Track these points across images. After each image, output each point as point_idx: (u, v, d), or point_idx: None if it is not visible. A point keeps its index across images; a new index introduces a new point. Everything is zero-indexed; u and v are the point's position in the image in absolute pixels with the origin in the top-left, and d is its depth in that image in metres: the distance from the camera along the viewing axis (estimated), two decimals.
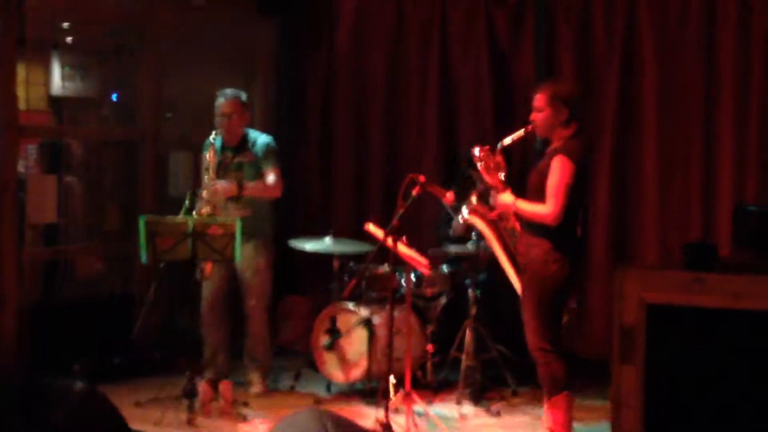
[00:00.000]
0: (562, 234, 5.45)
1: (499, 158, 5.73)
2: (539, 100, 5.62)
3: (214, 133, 6.82)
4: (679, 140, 7.43)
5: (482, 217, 5.82)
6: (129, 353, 7.57)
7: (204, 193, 6.73)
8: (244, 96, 7.04)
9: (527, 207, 5.52)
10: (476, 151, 5.76)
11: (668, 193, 7.49)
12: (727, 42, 7.24)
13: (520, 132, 5.66)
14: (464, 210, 5.89)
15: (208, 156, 6.80)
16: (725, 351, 4.63)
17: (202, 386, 6.51)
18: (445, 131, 8.33)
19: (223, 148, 6.99)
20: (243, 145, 7.01)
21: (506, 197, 5.62)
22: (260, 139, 7.04)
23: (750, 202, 6.91)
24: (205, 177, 6.78)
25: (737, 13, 7.20)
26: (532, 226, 5.55)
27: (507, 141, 5.70)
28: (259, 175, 6.95)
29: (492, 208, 5.77)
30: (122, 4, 7.82)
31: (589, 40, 7.77)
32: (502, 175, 5.71)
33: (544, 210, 5.42)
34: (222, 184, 6.80)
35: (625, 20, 7.58)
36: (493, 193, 5.75)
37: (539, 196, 5.48)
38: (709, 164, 7.36)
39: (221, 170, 6.92)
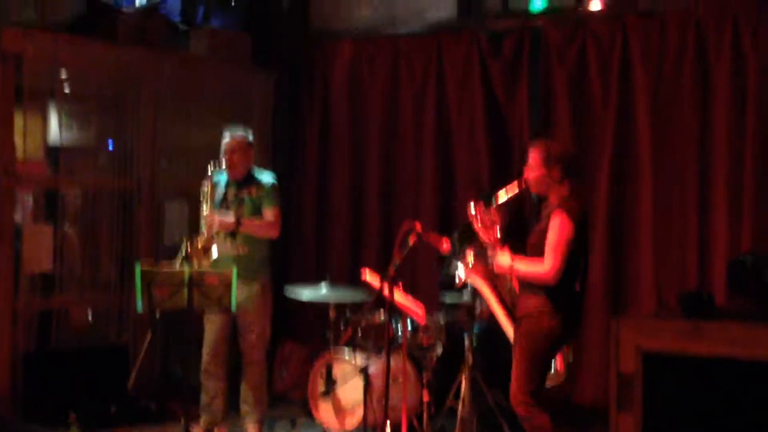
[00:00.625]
0: (558, 290, 5.41)
1: (494, 214, 5.70)
2: (533, 158, 5.62)
3: (213, 165, 6.86)
4: (674, 190, 7.45)
5: (480, 275, 5.80)
6: (124, 402, 7.53)
7: (201, 225, 6.77)
8: (249, 135, 7.07)
9: (524, 268, 5.48)
10: (471, 208, 5.74)
11: (664, 243, 7.49)
12: (721, 92, 7.28)
13: (515, 188, 5.65)
14: (461, 269, 5.88)
15: (206, 187, 6.84)
16: (722, 398, 4.63)
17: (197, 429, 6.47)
18: (441, 179, 8.36)
19: (228, 183, 7.03)
20: (247, 181, 7.03)
21: (503, 259, 5.56)
22: (264, 177, 7.07)
23: (745, 250, 6.91)
24: (203, 207, 6.81)
25: (731, 60, 7.24)
26: (537, 286, 5.53)
27: (502, 198, 5.68)
28: (259, 213, 6.97)
29: (489, 265, 5.73)
30: (120, 54, 7.86)
31: (584, 90, 7.82)
32: (497, 231, 5.67)
33: (541, 269, 5.38)
34: (219, 216, 6.83)
35: (620, 69, 7.63)
36: (490, 251, 5.72)
37: (539, 255, 5.46)
38: (705, 213, 7.37)
39: (224, 205, 6.94)
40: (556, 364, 5.67)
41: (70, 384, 7.32)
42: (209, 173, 6.85)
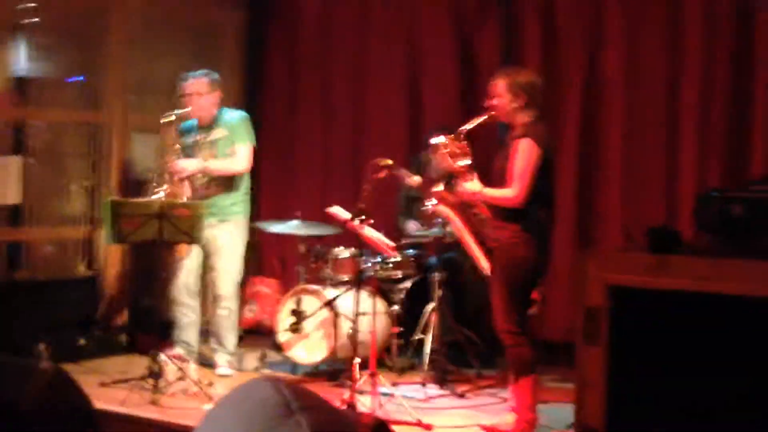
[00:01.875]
0: (530, 216, 5.49)
1: (463, 145, 5.74)
2: (497, 86, 5.67)
3: (173, 113, 6.81)
4: (643, 126, 7.48)
5: (449, 204, 5.83)
6: (93, 333, 7.55)
7: (159, 176, 6.76)
8: (214, 75, 7.03)
9: (493, 192, 5.56)
10: (438, 139, 5.76)
11: (632, 179, 7.53)
12: (692, 30, 7.29)
13: (482, 117, 5.70)
14: (431, 201, 5.91)
15: (169, 135, 6.81)
16: (688, 333, 4.69)
17: (167, 365, 6.50)
18: (410, 116, 8.36)
19: (196, 128, 7.00)
20: (215, 123, 7.00)
21: (473, 185, 5.62)
22: (233, 114, 7.06)
23: (712, 187, 6.97)
24: (166, 156, 6.80)
25: (702, 2, 7.24)
26: (499, 210, 5.59)
27: (468, 126, 5.72)
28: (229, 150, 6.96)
29: (458, 195, 5.77)
30: None
31: (555, 24, 7.80)
32: (467, 162, 5.71)
33: (509, 193, 5.45)
34: (183, 162, 6.81)
35: (591, 2, 7.63)
36: (458, 180, 5.75)
37: (504, 182, 5.52)
38: (673, 150, 7.41)
39: (195, 150, 6.92)
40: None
41: (39, 315, 7.32)
42: (170, 120, 6.81)
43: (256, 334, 8.14)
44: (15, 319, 7.19)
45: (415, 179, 6.12)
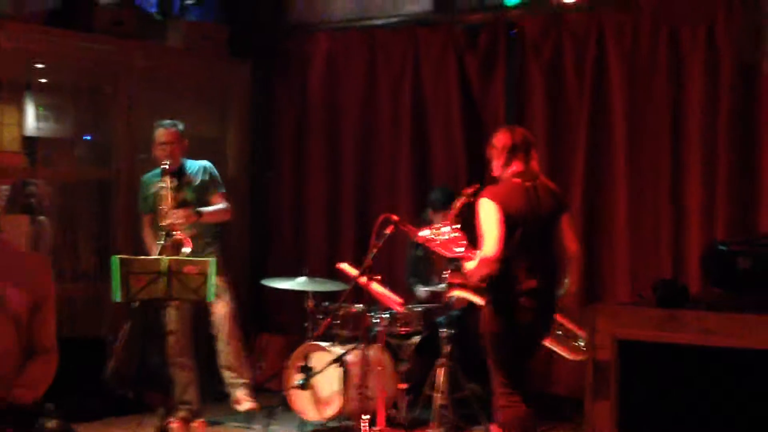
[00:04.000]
0: (497, 280, 5.36)
1: (450, 231, 5.55)
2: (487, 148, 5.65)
3: (163, 164, 6.98)
4: (648, 180, 7.51)
5: (463, 287, 5.79)
6: (102, 393, 7.53)
7: (163, 223, 6.82)
8: (181, 126, 7.19)
9: (472, 264, 5.31)
10: (423, 233, 5.46)
11: (638, 233, 7.54)
12: (695, 85, 7.33)
13: (461, 199, 5.70)
14: (447, 287, 5.88)
15: (163, 186, 6.90)
16: (696, 386, 4.68)
17: (175, 425, 6.49)
18: (417, 172, 8.40)
19: (163, 175, 7.09)
20: (182, 170, 7.16)
21: (472, 264, 5.49)
22: (199, 163, 7.25)
23: (719, 240, 6.97)
24: (163, 206, 6.87)
25: (705, 48, 7.28)
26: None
27: (452, 212, 5.72)
28: (201, 197, 7.12)
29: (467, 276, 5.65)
30: (97, 46, 7.85)
31: (560, 83, 7.86)
32: (460, 248, 5.52)
33: (480, 255, 5.24)
34: (181, 212, 6.89)
35: (595, 62, 7.68)
36: (461, 263, 5.62)
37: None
38: (679, 204, 7.42)
39: (162, 198, 7.00)
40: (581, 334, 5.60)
41: None
42: (163, 169, 6.96)
43: (264, 391, 8.10)
44: None
45: (422, 234, 6.10)
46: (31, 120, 7.73)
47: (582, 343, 5.58)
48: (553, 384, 7.54)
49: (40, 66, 7.65)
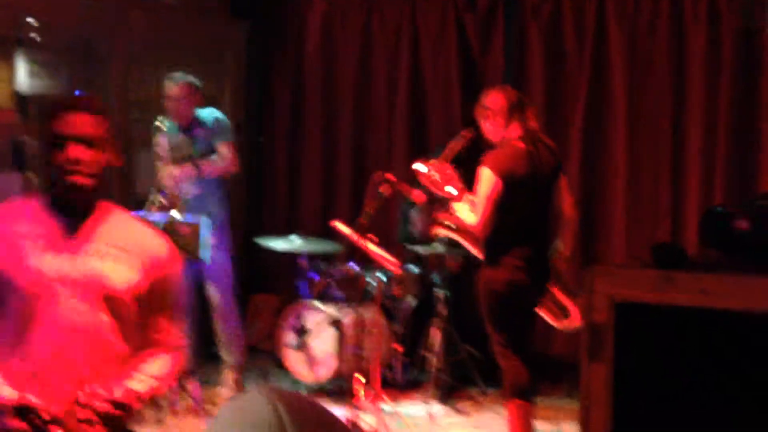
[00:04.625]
0: (497, 242, 5.40)
1: (445, 169, 5.60)
2: (476, 109, 5.58)
3: (160, 119, 6.83)
4: (648, 142, 7.47)
5: (449, 228, 5.77)
6: None
7: (162, 183, 6.74)
8: (191, 78, 7.03)
9: (464, 217, 5.44)
10: (421, 167, 5.67)
11: (636, 196, 7.51)
12: (697, 42, 7.27)
13: (458, 141, 5.63)
14: (434, 229, 5.86)
15: (160, 143, 6.81)
16: (694, 349, 4.64)
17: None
18: (414, 132, 8.33)
19: (176, 130, 7.00)
20: (193, 124, 7.00)
21: (461, 207, 5.50)
22: (210, 114, 7.05)
23: (717, 204, 6.94)
24: (160, 163, 6.78)
25: (707, 13, 7.22)
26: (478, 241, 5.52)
27: (443, 152, 5.65)
28: (210, 151, 6.94)
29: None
30: (93, 2, 7.76)
31: (559, 45, 7.80)
32: (452, 188, 5.56)
33: (472, 221, 5.34)
34: (178, 169, 6.80)
35: (595, 21, 7.61)
36: (450, 204, 5.64)
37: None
38: (678, 168, 7.39)
39: (176, 152, 6.89)
40: (568, 306, 5.62)
41: None
42: (159, 127, 6.84)
43: (258, 352, 8.09)
44: None
45: (417, 194, 6.06)
46: (23, 77, 7.65)
47: (568, 312, 5.59)
48: (549, 347, 7.51)
49: (32, 22, 7.54)
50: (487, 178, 5.25)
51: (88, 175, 3.16)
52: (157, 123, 6.84)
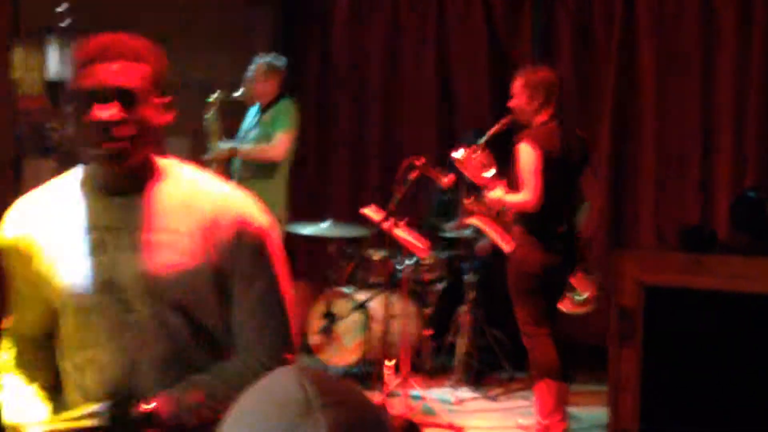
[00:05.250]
0: (534, 221, 5.45)
1: (484, 155, 5.68)
2: (516, 86, 5.62)
3: (218, 93, 6.87)
4: (678, 126, 7.41)
5: (480, 216, 5.79)
6: None
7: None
8: (271, 59, 7.08)
9: (511, 198, 5.51)
10: (458, 153, 5.72)
11: (666, 180, 7.47)
12: (727, 21, 7.21)
13: (498, 125, 5.67)
14: (464, 216, 5.90)
15: (209, 119, 6.86)
16: (723, 332, 4.62)
17: None
18: (443, 115, 8.31)
19: (256, 112, 7.02)
20: (269, 107, 7.02)
21: (495, 193, 5.58)
22: (284, 100, 7.05)
23: (748, 187, 6.89)
24: (211, 141, 6.84)
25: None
26: (517, 216, 5.56)
27: (486, 138, 5.70)
28: (266, 135, 6.92)
29: (488, 205, 5.72)
30: None
31: (587, 26, 7.75)
32: (490, 172, 5.66)
33: (521, 198, 5.40)
34: (216, 144, 6.85)
35: (623, 5, 7.56)
36: (485, 190, 5.71)
37: (516, 184, 5.48)
38: (708, 151, 7.34)
39: (247, 133, 6.95)
40: (584, 290, 5.67)
41: None
42: (213, 103, 6.87)
43: None
44: None
45: (447, 179, 6.06)
46: (54, 64, 7.68)
47: (580, 298, 5.63)
48: (577, 331, 7.49)
49: (62, 9, 7.57)
50: (528, 153, 5.35)
51: (123, 139, 2.35)
52: (211, 99, 6.85)
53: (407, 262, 6.76)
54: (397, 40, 8.52)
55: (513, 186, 5.53)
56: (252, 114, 7.05)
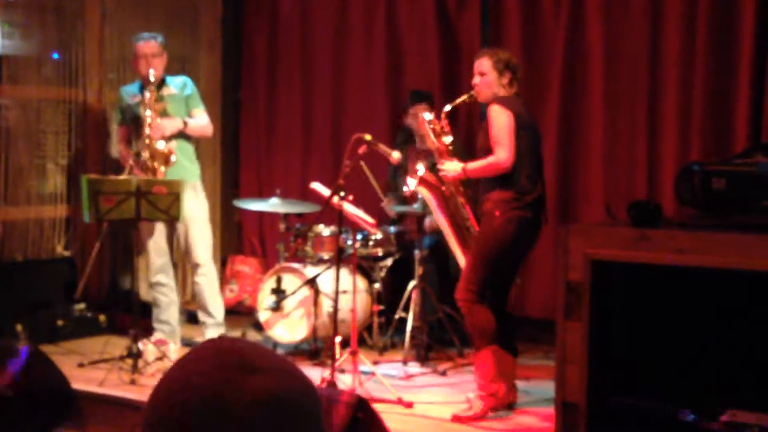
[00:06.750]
0: (518, 185, 5.48)
1: (444, 124, 5.77)
2: (482, 64, 5.66)
3: (152, 72, 6.83)
4: (624, 102, 7.44)
5: (430, 187, 5.80)
6: (72, 314, 7.49)
7: (145, 134, 6.70)
8: (160, 38, 7.11)
9: (479, 163, 5.55)
10: (427, 115, 5.79)
11: (613, 156, 7.50)
12: (674, 6, 7.24)
13: (464, 97, 5.73)
14: (411, 180, 5.88)
15: (146, 97, 6.79)
16: (669, 306, 4.66)
17: (147, 345, 6.45)
18: (391, 93, 8.30)
19: (142, 88, 6.98)
20: (162, 83, 7.02)
21: (453, 164, 5.62)
22: (179, 78, 7.14)
23: (694, 161, 6.94)
24: (145, 115, 6.75)
25: None
26: (488, 181, 5.57)
27: (451, 106, 5.76)
28: (181, 111, 6.99)
29: (441, 177, 5.76)
30: None
31: (535, 4, 7.75)
32: (448, 141, 5.75)
33: (494, 159, 5.44)
34: (166, 121, 6.80)
35: None
36: (440, 158, 5.76)
37: (487, 154, 5.51)
38: (654, 128, 7.37)
39: (142, 110, 6.88)
40: None
41: (17, 296, 7.24)
42: (144, 83, 6.85)
43: (236, 314, 8.09)
44: None
45: (395, 155, 6.07)
46: None
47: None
48: (524, 306, 7.53)
49: None
50: (500, 112, 5.46)
51: None
52: (148, 76, 6.80)
53: (356, 237, 6.76)
54: (346, 18, 8.48)
55: (479, 155, 5.60)
56: (135, 90, 7.01)
